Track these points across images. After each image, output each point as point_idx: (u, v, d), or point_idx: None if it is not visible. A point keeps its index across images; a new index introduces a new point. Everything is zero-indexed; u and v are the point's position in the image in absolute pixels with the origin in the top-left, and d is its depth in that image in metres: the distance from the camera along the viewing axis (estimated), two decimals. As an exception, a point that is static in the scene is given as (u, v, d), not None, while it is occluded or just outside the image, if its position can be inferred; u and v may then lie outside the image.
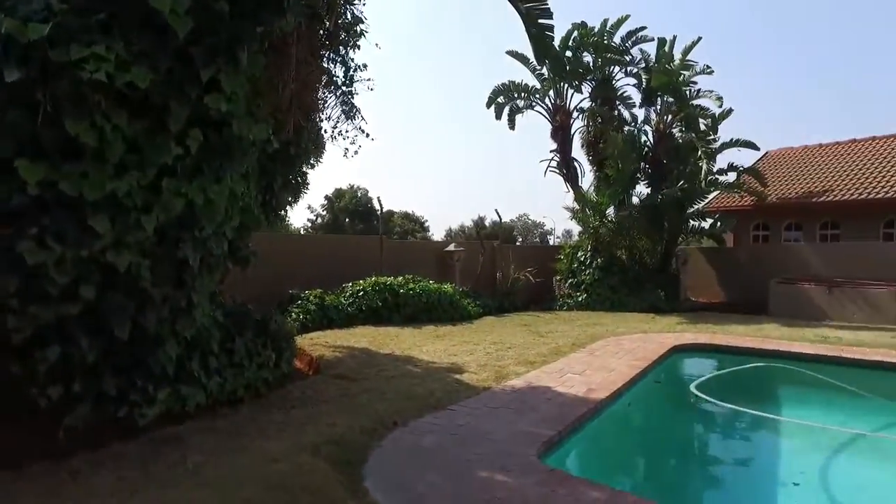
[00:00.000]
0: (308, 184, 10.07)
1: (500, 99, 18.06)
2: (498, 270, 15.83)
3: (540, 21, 5.11)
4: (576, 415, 5.19)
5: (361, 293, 11.30)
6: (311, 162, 9.00)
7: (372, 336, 9.59)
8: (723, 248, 18.96)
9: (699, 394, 6.71)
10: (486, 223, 51.05)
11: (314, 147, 7.99)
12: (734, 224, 18.60)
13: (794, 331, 10.70)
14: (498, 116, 18.32)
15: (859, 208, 16.58)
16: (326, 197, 48.23)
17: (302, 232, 42.69)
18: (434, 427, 4.82)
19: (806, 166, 19.85)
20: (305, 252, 12.67)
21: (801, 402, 7.52)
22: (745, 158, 19.84)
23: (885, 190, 16.01)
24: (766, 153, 21.78)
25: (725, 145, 16.56)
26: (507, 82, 17.83)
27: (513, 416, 5.15)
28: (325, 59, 6.78)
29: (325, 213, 48.49)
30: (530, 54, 17.57)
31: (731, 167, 16.88)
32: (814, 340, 9.62)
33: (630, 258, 16.04)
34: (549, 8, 5.03)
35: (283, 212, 10.80)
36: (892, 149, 18.44)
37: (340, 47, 6.81)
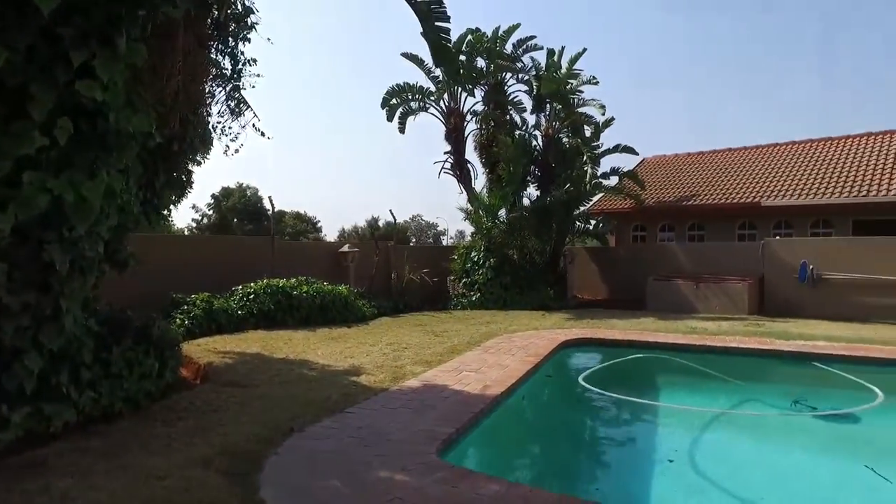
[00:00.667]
0: (193, 182, 9.49)
1: (394, 100, 18.09)
2: (393, 271, 15.84)
3: (437, 24, 5.17)
4: (473, 411, 5.31)
5: (252, 296, 10.83)
6: (198, 158, 8.49)
7: (264, 340, 9.22)
8: (606, 248, 20.30)
9: (587, 385, 7.13)
10: (380, 224, 50.89)
11: (201, 143, 7.53)
12: (615, 225, 19.97)
13: (668, 323, 11.66)
14: (390, 118, 18.34)
15: (720, 212, 18.41)
16: (213, 196, 45.72)
17: (186, 233, 40.15)
18: (332, 431, 4.73)
19: (677, 173, 21.73)
20: (191, 254, 11.95)
21: (675, 388, 8.21)
22: (626, 163, 21.46)
23: (738, 196, 17.91)
24: (644, 160, 23.55)
25: (608, 151, 17.72)
26: (401, 84, 17.92)
27: (412, 416, 5.17)
28: (213, 51, 6.42)
29: (211, 212, 45.92)
30: (424, 56, 17.88)
31: (614, 171, 18.09)
32: (684, 331, 10.53)
33: (521, 258, 16.66)
34: (446, 11, 5.10)
35: (166, 211, 10.11)
36: (744, 160, 20.69)
37: (230, 39, 6.47)
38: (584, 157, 16.75)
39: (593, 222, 20.07)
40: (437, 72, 17.50)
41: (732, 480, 4.72)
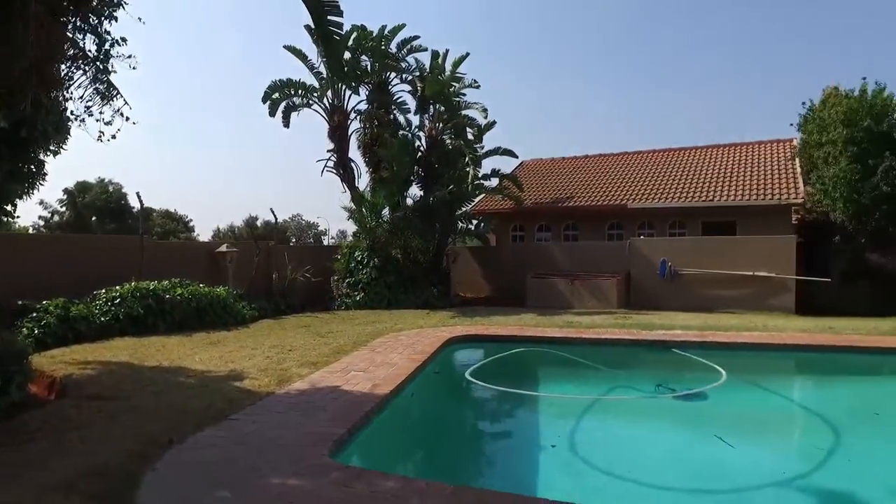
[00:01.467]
0: (46, 174, 8.52)
1: (276, 95, 17.46)
2: (274, 272, 15.27)
3: (330, 18, 5.06)
4: (364, 411, 5.28)
5: (118, 300, 9.93)
6: (52, 148, 7.62)
7: (133, 348, 8.50)
8: (487, 247, 21.00)
9: (473, 380, 7.35)
10: (259, 223, 48.77)
11: (55, 130, 6.77)
12: (495, 225, 20.74)
13: (547, 318, 12.31)
14: (272, 113, 17.66)
15: (592, 213, 19.75)
16: (66, 191, 41.04)
17: (31, 231, 35.80)
18: (216, 440, 4.48)
19: (553, 176, 23.00)
20: (42, 255, 10.71)
21: (554, 378, 8.73)
22: (507, 166, 22.62)
23: (608, 199, 19.36)
24: (522, 162, 24.66)
25: (489, 153, 18.38)
26: (284, 79, 17.33)
27: (301, 419, 5.04)
28: (73, 29, 5.78)
29: (64, 209, 41.22)
30: (308, 51, 17.42)
31: (494, 173, 18.77)
32: (561, 325, 11.19)
33: (405, 257, 16.78)
34: (338, 5, 5.00)
35: (10, 206, 8.98)
36: (614, 165, 22.42)
37: (91, 16, 5.85)
38: (467, 159, 17.24)
39: (475, 222, 20.69)
40: (321, 68, 17.14)
41: (608, 459, 5.13)
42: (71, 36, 5.88)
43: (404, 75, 18.37)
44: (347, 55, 17.15)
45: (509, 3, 57.44)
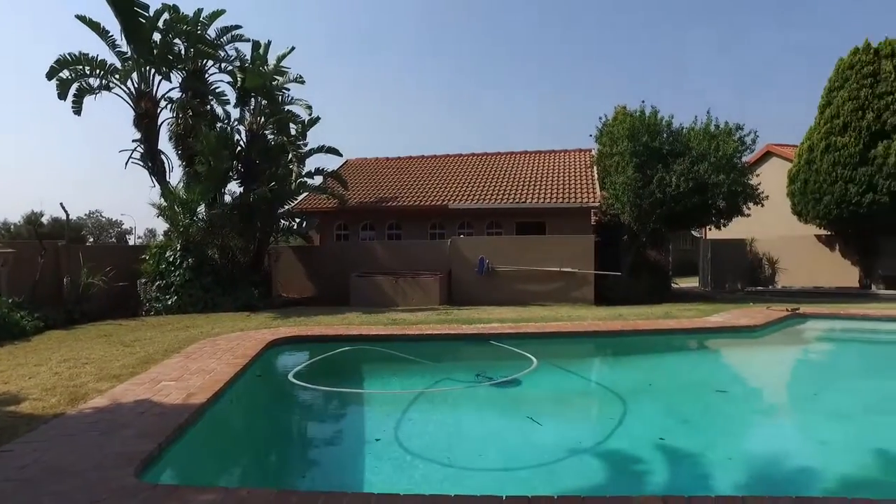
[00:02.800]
0: None
1: (67, 73, 15.11)
2: (65, 276, 13.33)
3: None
4: (177, 423, 4.85)
5: None
6: None
7: None
8: (311, 247, 20.53)
9: (297, 381, 7.15)
10: (46, 220, 42.22)
11: None
12: (319, 224, 20.37)
13: (371, 317, 12.40)
14: (62, 95, 15.23)
15: (415, 212, 20.33)
16: None
17: None
18: (-21, 476, 3.78)
19: (378, 175, 23.23)
20: None
21: (379, 375, 8.80)
22: (331, 164, 22.57)
23: (431, 199, 20.09)
24: (347, 161, 24.54)
25: (314, 150, 17.98)
26: (75, 53, 15.06)
27: (100, 439, 4.47)
28: None
29: None
30: (108, 24, 15.34)
31: (318, 171, 18.42)
32: (386, 323, 11.35)
33: (223, 257, 15.77)
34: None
35: None
36: (436, 166, 23.32)
37: None
38: (290, 156, 16.70)
39: (298, 221, 20.12)
40: (124, 45, 15.27)
41: (432, 447, 5.33)
42: None
43: (223, 65, 17.20)
44: (157, 36, 15.55)
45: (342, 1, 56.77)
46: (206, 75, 17.09)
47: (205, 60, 16.81)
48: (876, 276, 19.21)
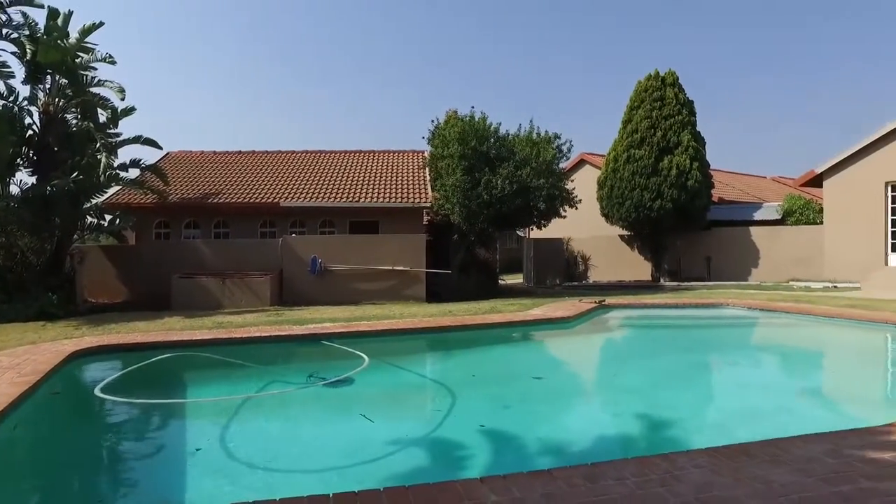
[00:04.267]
0: None
1: None
2: None
3: None
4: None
5: None
6: None
7: None
8: (125, 246, 18.50)
9: (105, 396, 6.45)
10: None
11: None
12: (135, 221, 18.46)
13: (195, 321, 11.57)
14: None
15: (244, 210, 19.33)
16: None
17: None
18: None
19: (203, 170, 21.66)
20: None
21: (203, 383, 8.26)
22: (150, 157, 20.81)
23: (261, 196, 19.25)
24: (168, 154, 22.56)
25: (128, 140, 16.23)
26: None
27: None
28: None
29: None
30: None
31: (134, 163, 16.68)
32: (211, 327, 10.67)
33: (10, 258, 13.62)
34: None
35: None
36: (267, 162, 22.38)
37: None
38: (98, 145, 14.91)
39: (109, 217, 18.04)
40: None
41: (261, 454, 5.15)
42: None
43: (5, 31, 14.73)
44: None
45: (151, -26, 51.80)
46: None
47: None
48: (663, 270, 22.36)
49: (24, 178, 15.02)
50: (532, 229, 22.12)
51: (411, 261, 16.21)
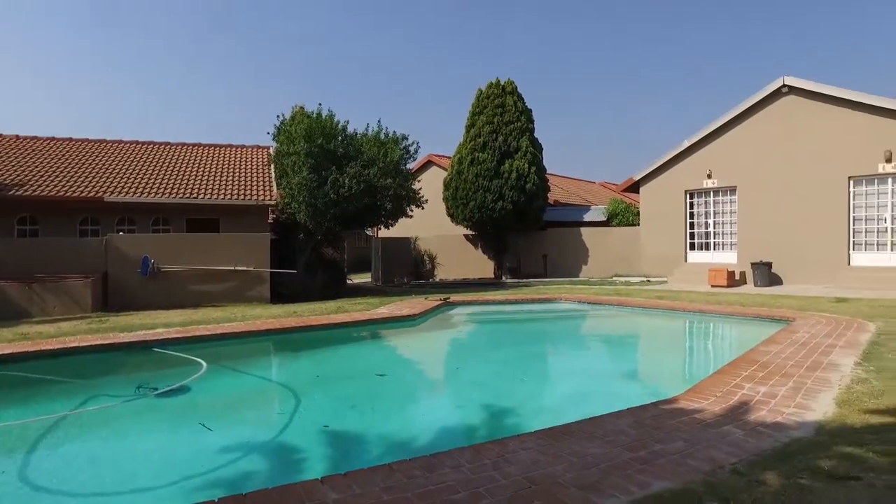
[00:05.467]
0: None
1: None
2: None
3: None
4: None
5: None
6: None
7: None
8: None
9: None
10: None
11: None
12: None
13: (-7, 332, 10.08)
14: None
15: (59, 205, 17.11)
16: None
17: None
18: None
19: (4, 158, 18.76)
20: None
21: (5, 404, 7.26)
22: None
23: (81, 190, 17.18)
24: (-48, 137, 19.21)
25: None
26: None
27: None
28: None
29: None
30: None
31: None
32: (12, 339, 9.36)
33: None
34: None
35: None
36: (88, 152, 20.02)
37: None
38: None
39: None
40: None
41: (76, 478, 4.68)
42: None
43: None
44: None
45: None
46: None
47: None
48: (505, 268, 23.81)
49: None
50: (380, 228, 22.31)
51: (255, 261, 15.55)
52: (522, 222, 22.20)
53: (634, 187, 21.89)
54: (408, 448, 5.32)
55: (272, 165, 19.38)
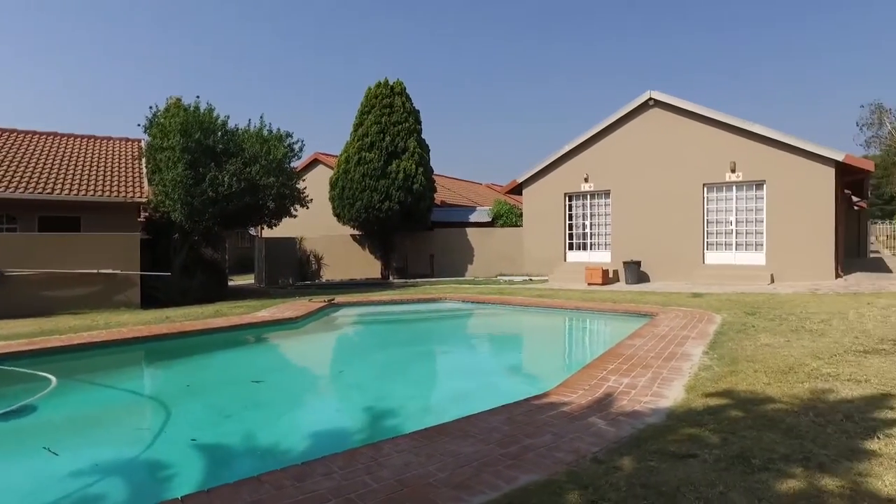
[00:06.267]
0: None
1: None
2: None
3: None
4: None
5: None
6: None
7: None
8: None
9: None
10: None
11: None
12: None
13: None
14: None
15: None
16: None
17: None
18: None
19: None
20: None
21: None
22: None
23: None
24: None
25: None
26: None
27: None
28: None
29: None
30: None
31: None
32: None
33: None
34: None
35: None
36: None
37: None
38: None
39: None
40: None
41: None
42: None
43: None
44: None
45: None
46: None
47: None
48: (392, 268, 23.80)
49: None
50: (263, 228, 21.46)
51: (123, 262, 14.33)
52: (409, 222, 22.30)
53: (518, 189, 22.75)
54: (283, 458, 5.14)
55: (143, 160, 17.95)
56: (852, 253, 26.48)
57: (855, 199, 28.65)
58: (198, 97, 16.54)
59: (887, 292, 12.99)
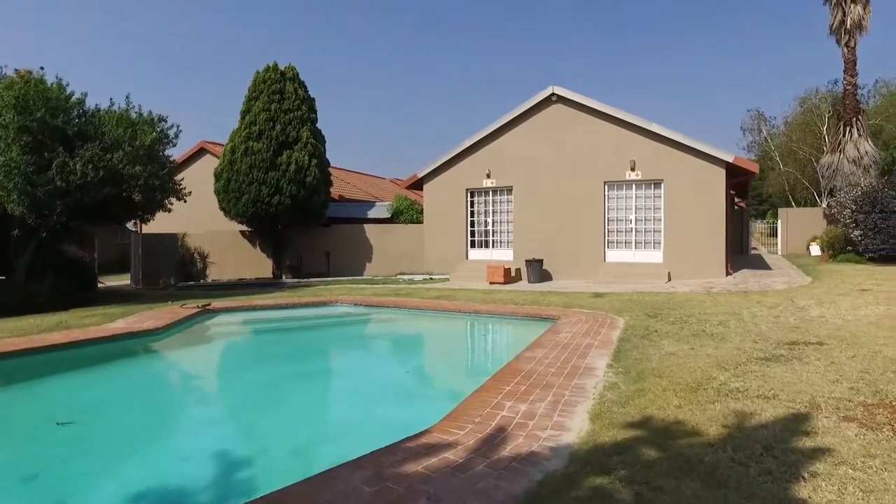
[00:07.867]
0: None
1: None
2: None
3: None
4: None
5: None
6: None
7: None
8: None
9: None
10: None
11: None
12: None
13: None
14: None
15: None
16: None
17: None
18: None
19: None
20: None
21: None
22: None
23: None
24: None
25: None
26: None
27: None
28: None
29: None
30: None
31: None
32: None
33: None
34: None
35: None
36: None
37: None
38: None
39: None
40: None
41: None
42: None
43: None
44: None
45: None
46: None
47: None
48: (285, 266, 22.11)
49: None
50: (136, 223, 19.11)
51: (-61, 265, 11.88)
52: (303, 218, 20.70)
53: (419, 184, 21.80)
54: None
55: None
56: (737, 250, 27.88)
57: (737, 199, 30.29)
58: (42, 69, 14.10)
59: (772, 290, 13.28)
